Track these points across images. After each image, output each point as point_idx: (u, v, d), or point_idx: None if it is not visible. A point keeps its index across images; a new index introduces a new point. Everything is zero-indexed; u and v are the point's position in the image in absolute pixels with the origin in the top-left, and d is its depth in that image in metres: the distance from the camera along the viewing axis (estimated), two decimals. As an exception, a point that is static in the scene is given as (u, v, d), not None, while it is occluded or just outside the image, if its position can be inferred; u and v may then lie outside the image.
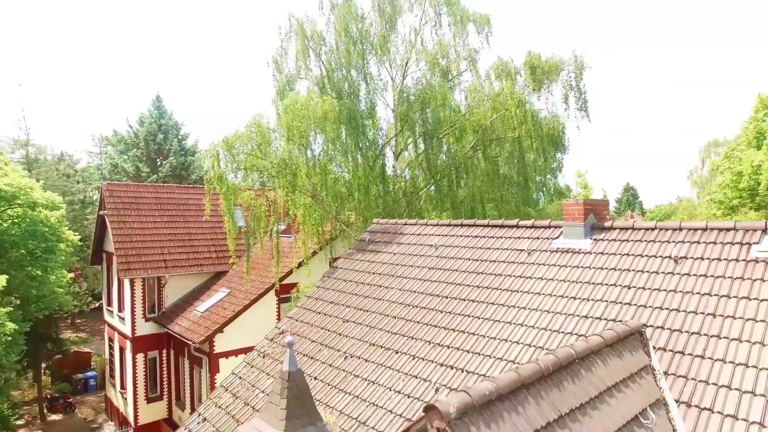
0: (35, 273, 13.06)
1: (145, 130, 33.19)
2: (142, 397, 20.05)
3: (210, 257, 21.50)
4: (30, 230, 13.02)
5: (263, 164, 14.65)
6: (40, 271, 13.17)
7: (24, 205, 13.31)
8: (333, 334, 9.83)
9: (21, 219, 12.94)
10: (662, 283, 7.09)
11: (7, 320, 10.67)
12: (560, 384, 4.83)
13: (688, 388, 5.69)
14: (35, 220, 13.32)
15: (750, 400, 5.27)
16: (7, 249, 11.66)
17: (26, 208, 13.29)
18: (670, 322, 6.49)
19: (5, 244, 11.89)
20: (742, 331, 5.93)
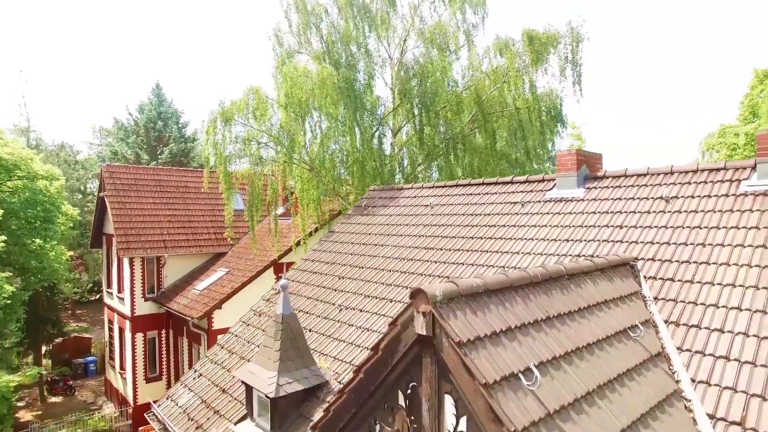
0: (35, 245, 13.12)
1: (145, 117, 33.32)
2: (142, 377, 20.09)
3: (209, 239, 21.58)
4: (29, 200, 13.10)
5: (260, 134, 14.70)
6: (39, 239, 13.24)
7: (24, 178, 13.40)
8: (328, 290, 9.89)
9: (21, 190, 13.02)
10: (653, 221, 7.15)
11: (5, 283, 10.73)
12: (549, 292, 4.89)
13: (677, 309, 5.75)
14: (35, 190, 13.40)
15: (736, 315, 5.34)
16: (6, 218, 11.71)
17: (26, 181, 13.38)
18: (661, 254, 6.55)
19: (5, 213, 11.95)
20: (730, 256, 5.99)
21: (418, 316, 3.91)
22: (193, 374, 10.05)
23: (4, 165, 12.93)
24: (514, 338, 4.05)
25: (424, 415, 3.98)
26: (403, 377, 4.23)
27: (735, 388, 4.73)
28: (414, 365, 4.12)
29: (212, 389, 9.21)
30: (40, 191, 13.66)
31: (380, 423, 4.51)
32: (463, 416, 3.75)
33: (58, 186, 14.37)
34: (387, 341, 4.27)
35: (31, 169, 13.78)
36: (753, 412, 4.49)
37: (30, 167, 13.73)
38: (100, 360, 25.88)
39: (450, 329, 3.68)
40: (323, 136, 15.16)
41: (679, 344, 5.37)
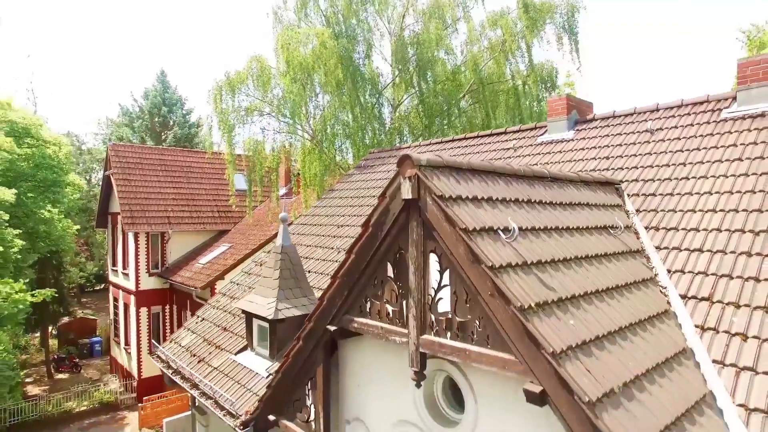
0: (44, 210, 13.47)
1: (150, 102, 33.82)
2: (146, 351, 20.38)
3: (212, 217, 21.93)
4: (39, 164, 13.48)
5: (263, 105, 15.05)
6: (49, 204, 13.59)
7: (33, 146, 13.78)
8: (328, 237, 10.20)
9: (31, 157, 13.40)
10: (637, 150, 7.44)
11: (15, 238, 11.08)
12: (532, 184, 5.17)
13: (657, 217, 6.02)
14: (44, 155, 13.78)
15: (711, 216, 5.61)
16: (17, 181, 12.09)
17: (35, 149, 13.76)
18: (644, 175, 6.83)
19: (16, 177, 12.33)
20: (708, 171, 6.27)
21: (405, 182, 4.20)
22: (196, 320, 10.37)
23: (16, 129, 13.33)
24: (495, 207, 4.33)
25: (410, 278, 4.27)
26: (391, 248, 4.52)
27: (706, 272, 5.01)
28: (401, 234, 4.41)
29: (214, 329, 9.52)
30: (49, 156, 14.05)
31: (370, 300, 4.79)
32: (446, 269, 4.03)
33: (65, 152, 14.75)
34: (376, 215, 4.57)
35: (41, 135, 14.18)
36: (720, 289, 4.77)
37: (39, 133, 14.14)
38: (105, 341, 26.22)
39: (434, 186, 3.98)
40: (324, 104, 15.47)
41: (657, 244, 5.65)
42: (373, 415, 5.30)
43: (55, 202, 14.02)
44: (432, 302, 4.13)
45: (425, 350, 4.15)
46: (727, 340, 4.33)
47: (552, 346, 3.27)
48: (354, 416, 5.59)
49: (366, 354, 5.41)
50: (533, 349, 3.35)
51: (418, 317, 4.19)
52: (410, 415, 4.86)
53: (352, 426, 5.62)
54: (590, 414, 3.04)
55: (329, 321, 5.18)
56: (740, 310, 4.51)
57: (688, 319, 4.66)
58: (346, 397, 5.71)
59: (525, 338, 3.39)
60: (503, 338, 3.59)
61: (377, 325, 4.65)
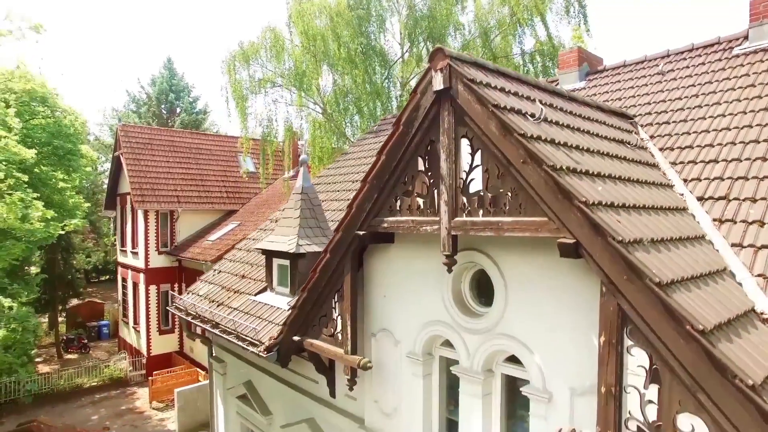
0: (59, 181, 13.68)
1: (157, 89, 34.15)
2: (155, 329, 20.59)
3: (221, 196, 22.14)
4: (56, 132, 13.69)
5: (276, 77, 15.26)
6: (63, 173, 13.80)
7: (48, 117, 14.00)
8: (343, 192, 10.39)
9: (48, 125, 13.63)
10: (649, 90, 7.63)
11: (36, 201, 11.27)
12: (553, 95, 5.36)
13: (671, 140, 6.21)
14: (60, 123, 14.00)
15: (724, 134, 5.79)
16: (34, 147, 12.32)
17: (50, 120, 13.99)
18: (656, 110, 7.02)
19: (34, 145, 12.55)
20: (720, 98, 6.46)
21: (437, 74, 4.39)
22: (212, 273, 10.55)
23: (34, 96, 13.56)
24: (521, 99, 4.53)
25: (442, 166, 4.46)
26: (422, 142, 4.71)
27: (722, 177, 5.19)
28: (432, 127, 4.59)
29: (232, 278, 9.70)
30: (65, 125, 14.27)
31: (400, 198, 4.98)
32: (477, 150, 4.22)
33: (81, 122, 14.99)
34: (407, 113, 4.76)
35: (57, 104, 14.42)
36: (736, 189, 4.95)
37: (56, 102, 14.37)
38: (113, 325, 26.42)
39: (465, 72, 4.17)
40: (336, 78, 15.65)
41: (672, 160, 5.84)
42: (400, 322, 5.48)
43: (70, 171, 14.23)
44: (463, 185, 4.32)
45: (457, 232, 4.33)
46: (745, 227, 4.51)
47: (584, 196, 3.46)
48: (380, 328, 5.76)
49: (393, 264, 5.59)
50: (566, 204, 3.53)
51: (450, 202, 4.37)
52: (439, 314, 5.04)
53: (378, 338, 5.79)
54: (622, 250, 3.22)
55: (358, 228, 5.36)
56: (757, 203, 4.69)
57: (705, 216, 4.84)
58: (371, 311, 5.89)
59: (558, 194, 3.57)
60: (535, 203, 3.77)
61: (408, 220, 4.83)
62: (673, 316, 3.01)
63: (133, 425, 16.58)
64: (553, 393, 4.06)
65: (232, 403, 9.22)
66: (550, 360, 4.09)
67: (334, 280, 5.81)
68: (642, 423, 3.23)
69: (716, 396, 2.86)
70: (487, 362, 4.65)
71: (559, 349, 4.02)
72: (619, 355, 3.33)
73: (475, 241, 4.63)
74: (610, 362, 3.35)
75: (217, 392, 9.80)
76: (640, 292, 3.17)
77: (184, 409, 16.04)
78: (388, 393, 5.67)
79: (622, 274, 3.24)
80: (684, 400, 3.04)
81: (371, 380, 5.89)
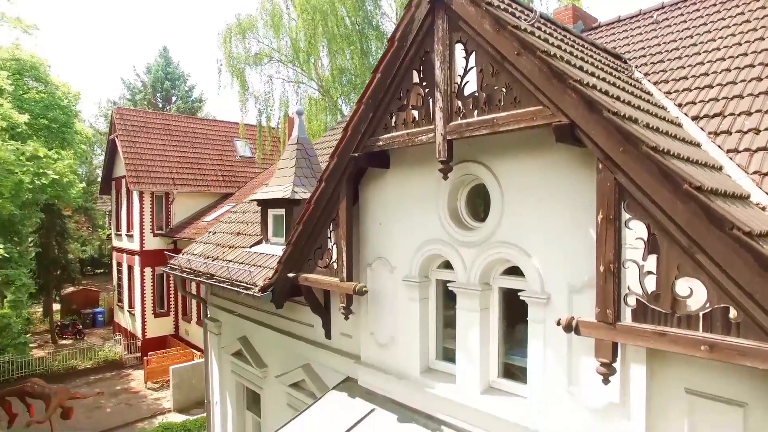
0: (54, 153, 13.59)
1: (153, 77, 34.00)
2: (150, 312, 20.48)
3: (217, 179, 22.06)
4: (49, 104, 13.60)
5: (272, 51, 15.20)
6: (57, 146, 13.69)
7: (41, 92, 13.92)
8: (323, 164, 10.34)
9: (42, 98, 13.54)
10: (643, 38, 7.64)
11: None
12: (546, 21, 5.35)
13: (666, 75, 6.20)
14: (53, 94, 13.90)
15: (719, 63, 5.80)
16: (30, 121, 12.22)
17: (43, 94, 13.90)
18: (650, 52, 7.03)
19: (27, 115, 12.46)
20: (715, 36, 6.47)
21: (431, -19, 4.37)
22: (208, 235, 10.48)
23: (24, 65, 13.47)
24: (514, 12, 4.52)
25: (436, 73, 4.43)
26: (417, 55, 4.68)
27: (717, 98, 5.20)
28: (426, 39, 4.57)
29: (227, 236, 9.66)
30: (59, 97, 14.19)
31: (395, 114, 4.95)
32: (472, 53, 4.20)
33: (74, 94, 14.89)
34: (401, 28, 4.73)
35: (50, 78, 14.33)
36: (731, 106, 4.96)
37: (48, 74, 14.28)
38: (107, 312, 26.28)
39: (459, -27, 4.15)
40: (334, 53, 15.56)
41: (667, 90, 5.84)
42: (396, 248, 5.44)
43: (65, 145, 14.12)
44: (458, 89, 4.29)
45: (452, 136, 4.31)
46: (740, 136, 4.51)
47: (578, 77, 3.44)
48: (376, 257, 5.73)
49: (388, 191, 5.56)
50: (560, 86, 3.52)
51: (445, 107, 4.35)
52: (435, 232, 5.01)
53: (374, 267, 5.76)
54: (618, 121, 3.21)
55: (353, 150, 5.33)
56: (752, 115, 4.69)
57: (700, 132, 4.83)
58: (367, 242, 5.86)
59: (552, 79, 3.56)
60: (530, 93, 3.75)
61: (403, 134, 4.80)
62: (670, 179, 3.00)
63: (127, 404, 16.48)
64: (551, 294, 4.03)
65: (227, 361, 9.16)
66: (548, 261, 4.07)
67: (329, 209, 5.77)
68: (641, 296, 3.21)
69: (714, 251, 2.85)
70: (484, 275, 4.62)
71: (557, 248, 4.00)
72: (617, 231, 3.30)
73: (470, 153, 4.61)
74: (609, 239, 3.33)
75: (212, 353, 9.73)
76: (636, 161, 3.15)
77: (179, 386, 15.96)
78: (384, 323, 5.64)
79: (618, 146, 3.23)
80: (682, 263, 3.02)
81: (367, 313, 5.85)
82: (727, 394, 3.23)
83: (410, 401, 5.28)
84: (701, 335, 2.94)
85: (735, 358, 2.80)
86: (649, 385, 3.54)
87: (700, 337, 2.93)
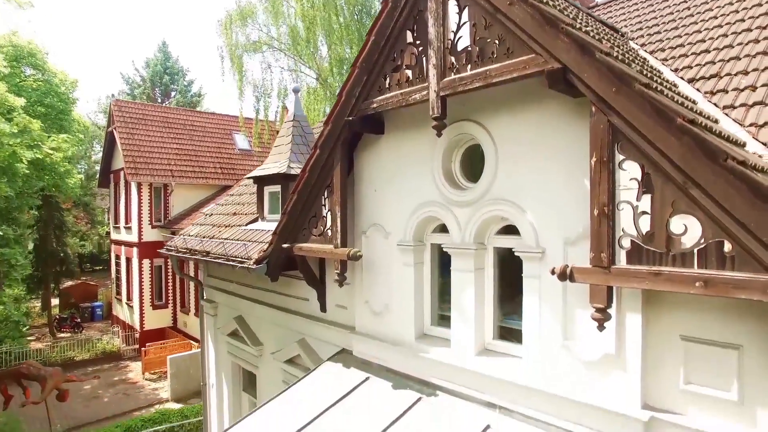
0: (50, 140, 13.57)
1: (151, 71, 33.97)
2: (148, 303, 20.43)
3: (215, 172, 22.02)
4: (47, 91, 13.55)
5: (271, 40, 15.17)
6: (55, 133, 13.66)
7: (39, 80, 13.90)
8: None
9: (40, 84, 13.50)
10: (639, 14, 7.60)
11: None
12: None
13: (662, 44, 6.17)
14: (51, 82, 13.86)
15: (716, 30, 5.76)
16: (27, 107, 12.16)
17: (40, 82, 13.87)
18: (647, 25, 7.00)
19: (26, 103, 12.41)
20: (712, 5, 6.44)
21: (424, -64, 4.34)
22: (204, 217, 10.46)
23: (21, 52, 13.44)
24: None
25: (429, 31, 4.40)
26: (410, 15, 4.65)
27: (713, 61, 5.16)
28: None
29: (222, 216, 9.65)
30: (56, 84, 14.15)
31: (389, 75, 4.91)
32: (465, 7, 4.17)
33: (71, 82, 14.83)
34: (395, -14, 4.70)
35: (47, 65, 14.29)
36: (728, 67, 4.92)
37: (45, 61, 14.25)
38: (106, 306, 26.24)
39: (453, -74, 4.12)
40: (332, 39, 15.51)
41: (663, 58, 5.80)
42: (391, 214, 5.41)
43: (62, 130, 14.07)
44: (451, 45, 4.26)
45: (446, 92, 4.27)
46: (737, 94, 4.47)
47: (570, 21, 3.41)
48: (371, 223, 5.69)
49: (383, 157, 5.53)
50: (552, 32, 3.48)
51: (438, 64, 4.32)
52: (430, 194, 4.98)
53: (369, 235, 5.72)
54: (610, 60, 3.17)
55: (348, 115, 5.29)
56: (749, 74, 4.66)
57: (696, 92, 4.80)
58: (362, 209, 5.83)
59: (544, 25, 3.52)
60: (522, 42, 3.72)
61: (396, 94, 4.77)
62: (663, 115, 2.96)
63: (125, 394, 16.43)
64: (546, 248, 4.00)
65: (222, 342, 9.12)
66: (542, 215, 4.04)
67: (323, 176, 5.74)
68: (635, 237, 3.17)
69: (709, 184, 2.81)
70: (479, 235, 4.58)
71: (552, 202, 3.97)
72: (611, 173, 3.27)
73: (464, 112, 4.58)
74: (602, 181, 3.29)
75: (208, 335, 9.69)
76: (629, 99, 3.12)
77: (177, 376, 15.91)
78: (379, 290, 5.60)
79: (611, 86, 3.19)
80: (677, 201, 2.98)
81: (362, 281, 5.82)
82: (722, 338, 3.20)
83: (405, 368, 5.24)
84: (696, 272, 2.90)
85: (730, 291, 2.76)
86: (645, 334, 3.51)
87: (695, 274, 2.89)
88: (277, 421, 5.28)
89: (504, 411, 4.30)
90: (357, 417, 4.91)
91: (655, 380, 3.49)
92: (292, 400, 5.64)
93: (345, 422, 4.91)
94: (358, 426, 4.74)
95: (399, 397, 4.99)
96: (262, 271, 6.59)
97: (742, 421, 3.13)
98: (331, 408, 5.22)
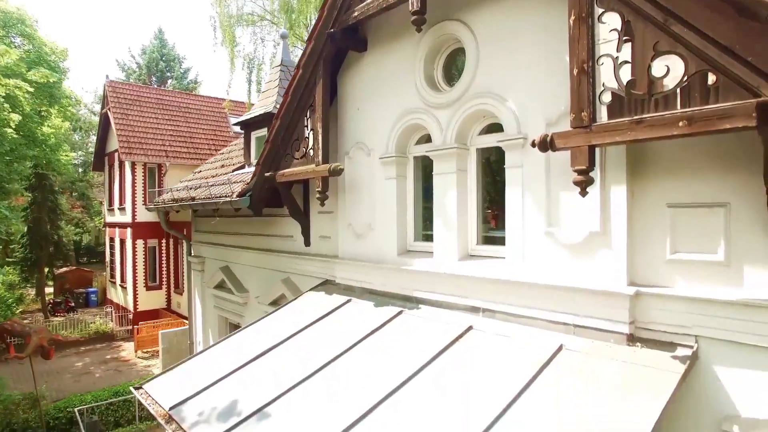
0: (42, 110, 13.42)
1: (147, 58, 33.87)
2: (142, 284, 20.27)
3: (210, 153, 21.84)
4: (36, 60, 13.42)
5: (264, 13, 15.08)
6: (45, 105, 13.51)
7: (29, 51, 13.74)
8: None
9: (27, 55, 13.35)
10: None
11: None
12: None
13: None
14: (41, 52, 13.71)
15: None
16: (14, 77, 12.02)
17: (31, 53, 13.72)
18: None
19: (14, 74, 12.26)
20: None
21: None
22: (192, 174, 10.32)
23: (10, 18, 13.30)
24: None
25: None
26: None
27: None
28: None
29: (210, 170, 9.52)
30: (46, 53, 14.01)
31: (371, -21, 4.78)
32: None
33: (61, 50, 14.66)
34: None
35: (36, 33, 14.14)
36: None
37: (35, 29, 14.10)
38: (101, 293, 26.03)
39: None
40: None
41: None
42: (375, 130, 5.28)
43: (53, 102, 13.92)
44: (432, -69, 4.13)
45: (426, -19, 4.14)
46: None
47: None
48: (353, 143, 5.56)
49: (365, 74, 5.42)
50: None
51: (418, -47, 4.18)
52: (412, 103, 4.86)
53: (352, 155, 5.60)
54: None
55: (329, 27, 5.16)
56: None
57: None
58: (345, 130, 5.70)
59: None
60: None
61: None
62: (644, -49, 2.82)
63: (117, 370, 16.24)
64: (528, 133, 3.86)
65: (209, 296, 8.97)
66: (523, 102, 3.91)
67: (306, 97, 5.60)
68: (617, 89, 3.03)
69: (691, 15, 2.68)
70: (460, 135, 4.45)
71: (532, 85, 3.84)
72: (590, 28, 3.13)
73: (445, 13, 4.46)
74: (582, 38, 3.15)
75: (195, 291, 9.54)
76: (610, -57, 2.98)
77: (168, 351, 15.71)
78: (361, 210, 5.47)
79: (592, -67, 3.06)
80: (659, 41, 2.84)
81: (344, 204, 5.69)
82: (709, 198, 3.06)
83: (387, 286, 5.10)
84: (679, 111, 2.76)
85: (715, 124, 2.61)
86: (630, 208, 3.37)
87: (678, 113, 2.75)
88: (250, 344, 5.10)
89: (488, 313, 4.16)
90: (334, 334, 4.75)
91: (642, 255, 3.34)
92: (268, 327, 5.47)
93: (322, 339, 4.75)
94: (334, 341, 4.58)
95: (380, 313, 4.84)
96: (245, 204, 6.44)
97: (729, 282, 2.99)
98: (307, 328, 5.06)
